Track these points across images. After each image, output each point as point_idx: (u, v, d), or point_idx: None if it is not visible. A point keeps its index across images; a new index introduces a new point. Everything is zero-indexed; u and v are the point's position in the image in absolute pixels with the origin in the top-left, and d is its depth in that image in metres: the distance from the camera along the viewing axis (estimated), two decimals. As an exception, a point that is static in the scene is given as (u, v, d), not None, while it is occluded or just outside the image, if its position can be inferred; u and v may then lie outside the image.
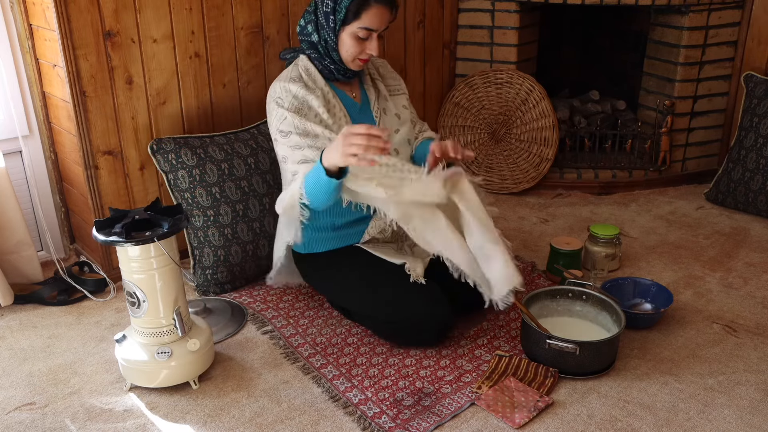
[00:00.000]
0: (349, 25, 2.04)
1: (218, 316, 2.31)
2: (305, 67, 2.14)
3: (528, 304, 2.14)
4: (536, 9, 3.40)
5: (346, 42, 2.07)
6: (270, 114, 2.13)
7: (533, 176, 3.32)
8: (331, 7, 2.03)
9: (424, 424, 1.83)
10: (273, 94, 2.11)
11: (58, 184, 2.67)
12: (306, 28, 2.13)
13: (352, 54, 2.08)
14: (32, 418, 1.89)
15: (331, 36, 2.07)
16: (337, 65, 2.12)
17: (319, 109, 2.09)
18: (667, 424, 1.83)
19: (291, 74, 2.12)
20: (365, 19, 2.02)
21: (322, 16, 2.06)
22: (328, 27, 2.06)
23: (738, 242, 2.83)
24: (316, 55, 2.12)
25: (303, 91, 2.08)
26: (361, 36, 2.05)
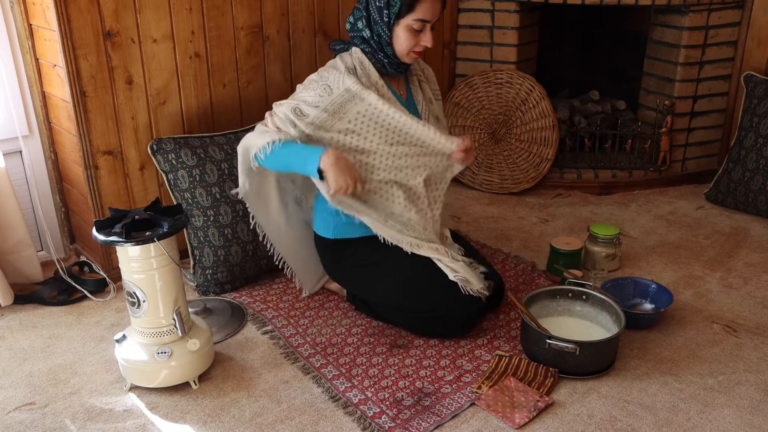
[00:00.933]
0: (403, 18, 2.04)
1: (218, 316, 2.31)
2: (359, 59, 2.12)
3: (528, 304, 2.14)
4: (536, 9, 3.40)
5: (400, 35, 2.07)
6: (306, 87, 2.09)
7: (533, 176, 3.32)
8: (385, 1, 2.03)
9: (424, 424, 1.83)
10: (322, 80, 2.07)
11: (58, 184, 2.67)
12: (356, 25, 2.12)
13: (407, 47, 2.08)
14: (32, 418, 1.89)
15: (385, 30, 2.07)
16: (391, 59, 2.12)
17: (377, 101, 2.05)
18: (667, 424, 1.83)
19: (347, 63, 2.10)
20: (420, 11, 2.03)
21: (375, 12, 2.06)
22: (382, 21, 2.06)
23: (738, 242, 2.83)
24: (370, 50, 2.11)
25: (357, 87, 2.05)
26: (415, 28, 2.06)
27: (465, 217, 3.09)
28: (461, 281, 2.12)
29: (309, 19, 2.83)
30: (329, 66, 2.13)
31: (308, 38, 2.86)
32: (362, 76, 2.10)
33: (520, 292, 2.43)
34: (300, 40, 2.83)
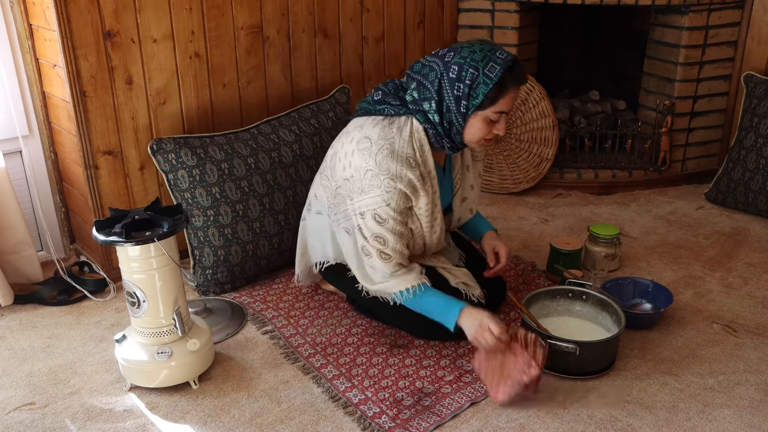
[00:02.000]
0: (483, 111, 1.90)
1: (218, 316, 2.31)
2: (420, 141, 1.96)
3: (528, 304, 2.14)
4: (536, 9, 3.40)
5: (475, 125, 1.94)
6: (369, 184, 1.95)
7: (533, 176, 3.32)
8: (465, 92, 1.88)
9: (424, 424, 1.83)
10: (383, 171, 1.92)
11: (58, 184, 2.67)
12: (422, 104, 1.95)
13: (480, 136, 1.96)
14: (32, 418, 1.89)
15: (460, 120, 1.93)
16: (455, 145, 2.00)
17: (424, 206, 2.00)
18: (667, 424, 1.83)
19: (406, 151, 1.94)
20: (502, 104, 1.90)
21: (452, 100, 1.90)
22: (458, 111, 1.91)
23: (738, 242, 2.83)
24: (434, 132, 1.96)
25: (418, 183, 1.95)
26: (493, 120, 1.93)
27: (465, 217, 3.09)
28: (462, 287, 2.11)
29: (309, 19, 2.83)
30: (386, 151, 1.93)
31: (308, 38, 2.86)
32: (420, 165, 1.96)
33: (520, 292, 2.43)
34: (300, 40, 2.83)
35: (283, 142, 2.58)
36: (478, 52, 1.88)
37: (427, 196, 2.00)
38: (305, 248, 2.32)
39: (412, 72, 1.99)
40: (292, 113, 2.70)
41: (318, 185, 2.21)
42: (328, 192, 2.13)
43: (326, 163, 2.17)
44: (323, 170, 2.18)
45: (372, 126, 2.00)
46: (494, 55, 1.87)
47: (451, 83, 1.89)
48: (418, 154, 1.96)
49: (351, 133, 2.05)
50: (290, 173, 2.57)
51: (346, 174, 2.03)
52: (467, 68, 1.87)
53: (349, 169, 2.01)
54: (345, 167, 2.03)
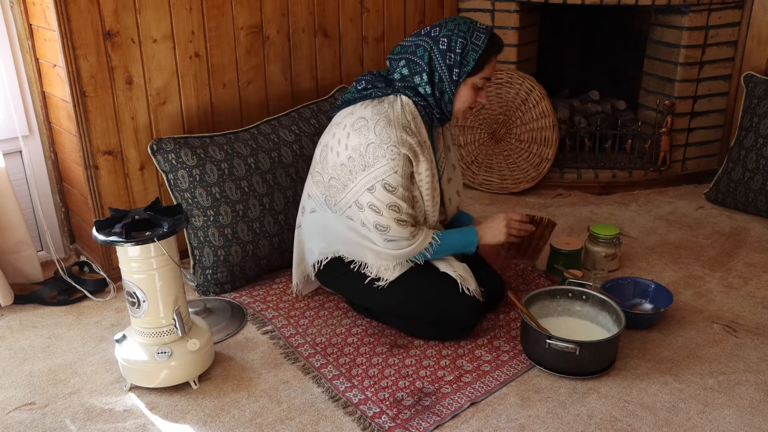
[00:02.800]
0: (472, 77, 2.03)
1: (218, 316, 2.31)
2: (412, 114, 2.06)
3: (528, 304, 2.14)
4: (536, 9, 3.40)
5: (464, 93, 2.06)
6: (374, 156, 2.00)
7: (533, 176, 3.32)
8: (457, 61, 2.00)
9: (424, 424, 1.83)
10: (385, 140, 1.99)
11: (58, 184, 2.67)
12: (412, 78, 2.04)
13: (467, 104, 2.08)
14: (32, 418, 1.89)
15: (452, 88, 2.04)
16: (444, 115, 2.10)
17: (424, 172, 2.06)
18: (667, 424, 1.83)
19: (402, 120, 2.03)
20: (487, 69, 2.05)
21: (444, 69, 2.01)
22: (450, 80, 2.02)
23: (738, 242, 2.83)
24: (423, 104, 2.06)
25: (418, 148, 2.03)
26: (479, 86, 2.07)
27: (465, 217, 3.09)
28: (459, 279, 2.12)
29: (309, 19, 2.83)
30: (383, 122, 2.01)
31: (308, 38, 2.86)
32: (416, 134, 2.05)
33: (520, 292, 2.43)
34: (300, 40, 2.83)
35: (283, 142, 2.58)
36: (462, 24, 2.03)
37: (427, 161, 2.06)
38: (302, 255, 2.32)
39: (394, 55, 2.12)
40: (292, 113, 2.70)
41: (310, 185, 2.23)
42: (321, 187, 2.16)
43: (315, 160, 2.21)
44: (313, 168, 2.22)
45: (362, 108, 2.09)
46: (476, 26, 2.04)
47: (443, 54, 2.02)
48: (412, 124, 2.06)
49: (341, 122, 2.12)
50: (290, 173, 2.57)
51: (341, 159, 2.07)
52: (456, 39, 2.01)
53: (346, 151, 2.06)
54: (339, 153, 2.08)
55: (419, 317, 2.15)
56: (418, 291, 2.12)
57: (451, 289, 2.11)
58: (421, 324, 2.17)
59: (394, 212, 2.04)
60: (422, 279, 2.13)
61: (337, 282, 2.27)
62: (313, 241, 2.25)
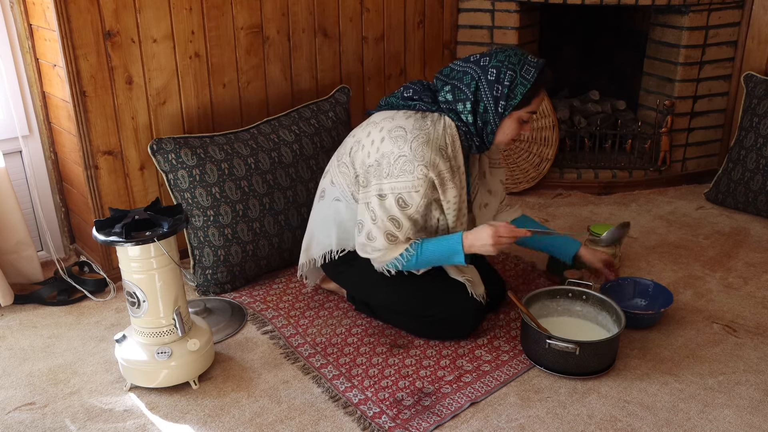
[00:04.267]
0: (518, 111, 2.00)
1: (218, 316, 2.31)
2: (452, 138, 2.03)
3: (528, 304, 2.14)
4: (536, 9, 3.40)
5: (508, 126, 2.03)
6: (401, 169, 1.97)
7: (533, 176, 3.32)
8: (504, 93, 1.97)
9: (424, 424, 1.83)
10: (417, 158, 1.95)
11: (58, 184, 2.67)
12: (455, 105, 2.01)
13: (511, 137, 2.05)
14: (32, 418, 1.89)
15: (496, 120, 2.01)
16: (483, 145, 2.07)
17: (453, 199, 2.03)
18: (667, 424, 1.83)
19: (440, 142, 2.00)
20: (534, 104, 2.01)
21: (490, 101, 1.99)
22: (495, 112, 1.99)
23: (738, 242, 2.83)
24: (465, 130, 2.03)
25: (448, 175, 2.00)
26: (524, 120, 2.04)
27: (465, 217, 3.09)
28: (468, 282, 2.12)
29: (309, 19, 2.83)
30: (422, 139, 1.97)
31: (308, 38, 2.86)
32: (450, 159, 2.01)
33: (520, 292, 2.42)
34: (300, 40, 2.83)
35: (283, 142, 2.58)
36: (513, 56, 1.99)
37: (456, 189, 2.03)
38: (310, 241, 2.29)
39: (442, 76, 2.07)
40: (292, 113, 2.70)
41: (335, 172, 2.18)
42: (348, 180, 2.13)
43: (345, 149, 2.16)
44: (341, 157, 2.16)
45: (404, 118, 2.05)
46: (527, 59, 1.99)
47: (490, 85, 1.98)
48: (450, 148, 2.02)
49: (379, 124, 2.07)
50: (290, 173, 2.57)
51: (370, 161, 2.04)
52: (505, 71, 1.97)
53: (376, 155, 2.03)
54: (370, 153, 2.05)
55: (419, 316, 2.15)
56: (422, 290, 2.13)
57: (456, 290, 2.11)
58: (420, 322, 2.16)
59: (393, 227, 2.01)
60: (425, 278, 2.13)
61: (340, 274, 2.27)
62: (322, 232, 2.22)
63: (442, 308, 2.11)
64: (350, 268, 2.20)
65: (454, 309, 2.11)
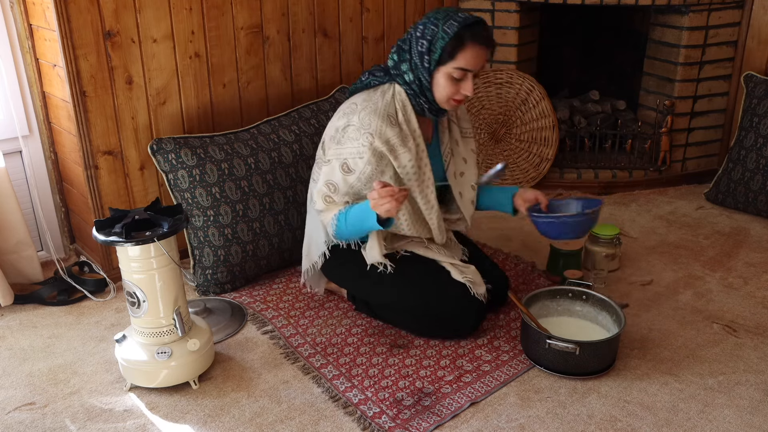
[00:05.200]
0: (444, 66, 1.99)
1: (218, 316, 2.31)
2: (403, 103, 2.07)
3: (528, 304, 2.14)
4: (536, 9, 3.40)
5: (440, 82, 2.02)
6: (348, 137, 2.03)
7: (533, 176, 3.32)
8: (426, 47, 1.98)
9: (424, 424, 1.83)
10: (364, 126, 2.01)
11: (58, 184, 2.67)
12: (400, 66, 2.06)
13: (446, 95, 2.04)
14: (32, 418, 1.89)
15: (426, 76, 2.02)
16: (431, 104, 2.08)
17: (408, 164, 2.04)
18: (667, 424, 1.83)
19: (388, 109, 2.04)
20: (461, 60, 1.98)
21: (417, 56, 2.01)
22: (423, 67, 2.01)
23: (738, 242, 2.83)
24: (412, 93, 2.06)
25: (397, 141, 2.02)
26: (455, 77, 2.00)
27: (465, 217, 3.09)
28: (469, 283, 2.12)
29: (309, 19, 2.83)
30: (369, 109, 2.03)
31: (308, 38, 2.86)
32: (403, 123, 2.05)
33: (520, 292, 2.42)
34: (300, 40, 2.83)
35: (283, 142, 2.58)
36: (441, 12, 2.02)
37: (410, 152, 2.05)
38: (309, 246, 2.31)
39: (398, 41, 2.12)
40: (292, 113, 2.70)
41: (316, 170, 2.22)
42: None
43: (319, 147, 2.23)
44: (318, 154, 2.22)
45: (359, 95, 2.13)
46: (456, 15, 2.00)
47: (416, 41, 2.02)
48: (401, 113, 2.06)
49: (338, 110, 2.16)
50: (290, 173, 2.57)
51: (326, 137, 2.12)
52: (429, 26, 2.00)
53: (331, 132, 2.11)
54: (328, 132, 2.13)
55: (420, 315, 2.15)
56: (422, 288, 2.13)
57: (456, 290, 2.11)
58: (421, 321, 2.16)
59: (329, 190, 2.07)
60: (426, 277, 2.13)
61: (338, 273, 2.27)
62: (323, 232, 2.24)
63: (443, 308, 2.11)
64: (346, 264, 2.21)
65: (454, 308, 2.11)
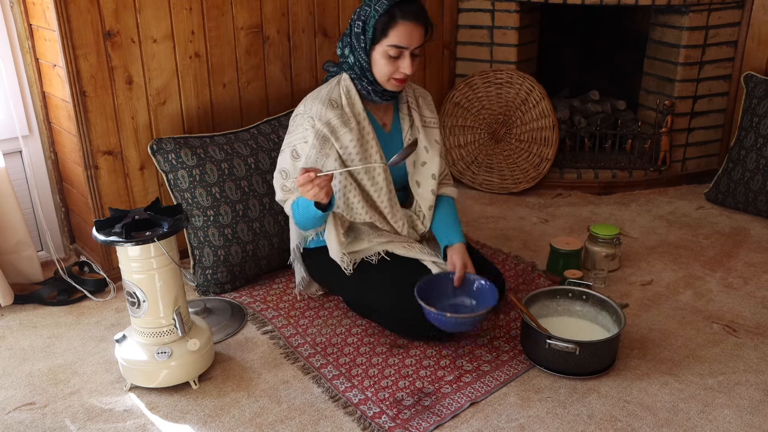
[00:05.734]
0: (378, 44, 2.04)
1: (218, 316, 2.31)
2: (347, 88, 2.13)
3: (528, 304, 2.14)
4: (536, 9, 3.40)
5: (378, 61, 2.06)
6: (296, 125, 2.14)
7: (533, 176, 3.32)
8: (361, 27, 2.05)
9: (424, 424, 1.83)
10: (307, 111, 2.11)
11: (58, 184, 2.67)
12: (343, 52, 2.13)
13: (386, 74, 2.07)
14: (32, 418, 1.89)
15: (363, 56, 2.07)
16: (374, 86, 2.11)
17: (350, 144, 2.09)
18: (667, 424, 1.83)
19: (331, 95, 2.12)
20: (393, 37, 2.01)
21: (354, 37, 2.07)
22: (359, 47, 2.07)
23: (738, 242, 2.83)
24: (355, 76, 2.12)
25: (338, 122, 2.08)
26: (392, 54, 2.03)
27: (465, 217, 3.09)
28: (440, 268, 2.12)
29: (309, 19, 2.83)
30: (314, 95, 2.15)
31: (308, 38, 2.86)
32: (347, 106, 2.11)
33: (520, 292, 2.43)
34: (300, 40, 2.83)
35: (283, 142, 2.58)
36: None
37: (351, 132, 2.09)
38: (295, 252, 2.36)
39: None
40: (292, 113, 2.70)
41: None
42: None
43: None
44: None
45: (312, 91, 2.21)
46: None
47: (353, 23, 2.09)
48: (344, 98, 2.12)
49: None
50: (290, 173, 2.57)
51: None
52: (364, 7, 2.07)
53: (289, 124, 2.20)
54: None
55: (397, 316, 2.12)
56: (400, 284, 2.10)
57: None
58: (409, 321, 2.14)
59: (282, 178, 2.15)
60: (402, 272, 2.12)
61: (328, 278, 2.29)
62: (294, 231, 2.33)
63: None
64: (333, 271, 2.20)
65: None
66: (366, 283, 2.17)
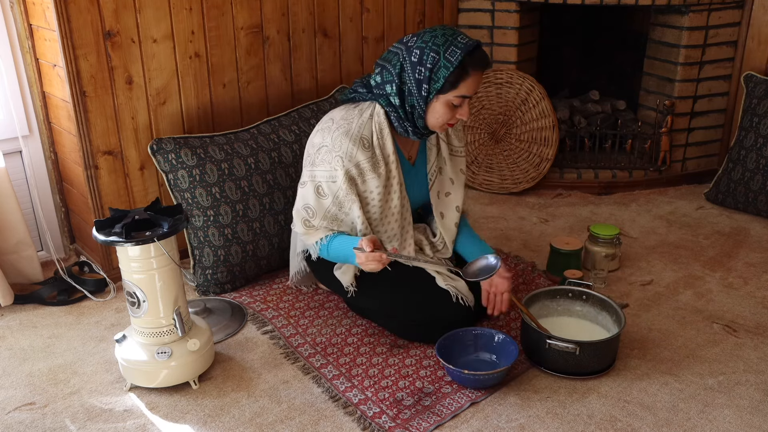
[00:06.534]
0: (444, 94, 1.93)
1: (218, 316, 2.31)
2: (380, 125, 2.01)
3: (528, 304, 2.14)
4: (536, 9, 3.40)
5: (437, 110, 1.96)
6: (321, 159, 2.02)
7: (533, 176, 3.32)
8: (426, 76, 1.91)
9: (424, 424, 1.83)
10: (335, 148, 1.99)
11: (58, 184, 2.67)
12: (384, 87, 1.99)
13: (443, 121, 1.98)
14: (32, 418, 1.89)
15: (421, 104, 1.96)
16: (418, 130, 2.02)
17: (375, 189, 2.03)
18: (667, 424, 1.83)
19: (363, 132, 1.99)
20: (463, 88, 1.93)
21: (413, 83, 1.94)
22: (419, 95, 1.94)
23: (738, 242, 2.83)
24: (396, 116, 2.00)
25: (367, 165, 1.99)
26: (455, 104, 1.96)
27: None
28: (452, 290, 2.11)
29: (309, 19, 2.83)
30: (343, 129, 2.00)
31: (308, 38, 2.86)
32: (377, 147, 2.01)
33: (520, 292, 2.43)
34: (300, 40, 2.83)
35: (283, 142, 2.58)
36: (440, 36, 1.91)
37: (379, 179, 2.02)
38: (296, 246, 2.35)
39: (380, 59, 2.04)
40: (292, 113, 2.70)
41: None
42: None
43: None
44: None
45: (338, 110, 2.09)
46: (455, 40, 1.91)
47: (413, 67, 1.93)
48: (376, 136, 2.01)
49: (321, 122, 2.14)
50: (290, 173, 2.57)
51: (306, 152, 2.12)
52: (428, 52, 1.91)
53: (309, 147, 2.10)
54: (307, 147, 2.12)
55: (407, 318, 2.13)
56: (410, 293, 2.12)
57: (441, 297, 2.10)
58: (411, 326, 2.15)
59: (306, 214, 2.08)
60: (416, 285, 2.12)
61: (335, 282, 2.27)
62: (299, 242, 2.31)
63: (437, 315, 2.09)
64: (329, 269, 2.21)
65: (446, 315, 2.09)
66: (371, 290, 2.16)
